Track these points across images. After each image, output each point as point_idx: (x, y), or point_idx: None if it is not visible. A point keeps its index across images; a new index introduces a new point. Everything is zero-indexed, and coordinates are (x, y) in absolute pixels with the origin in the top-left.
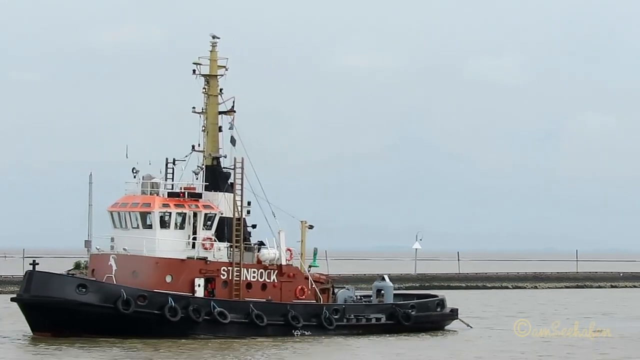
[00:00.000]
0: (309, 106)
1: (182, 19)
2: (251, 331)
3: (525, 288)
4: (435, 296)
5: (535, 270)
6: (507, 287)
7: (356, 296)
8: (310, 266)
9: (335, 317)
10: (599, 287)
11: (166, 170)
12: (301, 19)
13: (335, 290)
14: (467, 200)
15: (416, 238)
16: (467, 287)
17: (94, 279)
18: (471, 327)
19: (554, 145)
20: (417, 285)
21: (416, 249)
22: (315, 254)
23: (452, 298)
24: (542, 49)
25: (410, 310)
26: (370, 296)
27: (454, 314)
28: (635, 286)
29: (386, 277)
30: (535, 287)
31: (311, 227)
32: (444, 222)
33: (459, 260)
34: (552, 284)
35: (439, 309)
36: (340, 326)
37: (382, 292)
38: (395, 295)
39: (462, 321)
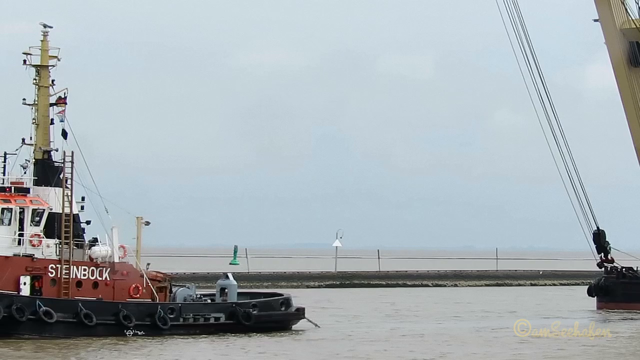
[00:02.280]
0: (215, 104)
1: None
2: (80, 331)
3: (445, 286)
4: (281, 295)
5: (455, 269)
6: (427, 285)
7: (197, 295)
8: (230, 263)
9: (171, 316)
10: (519, 285)
11: None
12: (213, 15)
13: (175, 288)
14: (386, 198)
15: (336, 236)
16: (387, 285)
17: None
18: (318, 327)
19: (471, 143)
20: (338, 283)
21: (336, 246)
22: (235, 252)
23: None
24: (454, 45)
25: (251, 310)
26: (212, 295)
27: (299, 313)
28: (554, 284)
29: (230, 275)
30: (456, 285)
31: (147, 223)
32: (364, 220)
33: (379, 258)
34: (473, 282)
35: (283, 309)
36: (176, 326)
37: (226, 290)
38: (242, 294)
39: (310, 320)
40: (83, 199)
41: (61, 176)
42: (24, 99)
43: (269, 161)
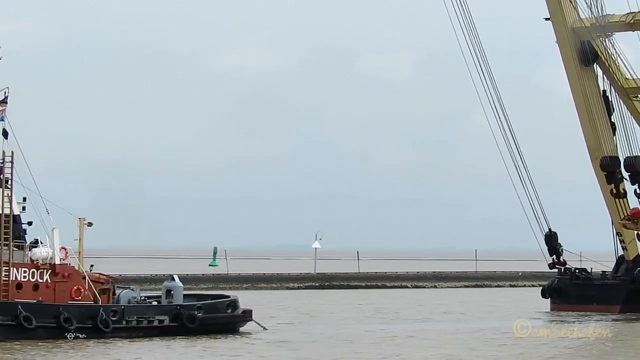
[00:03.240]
0: (196, 106)
1: None
2: (19, 334)
3: (425, 287)
4: (227, 297)
5: (435, 270)
6: (406, 287)
7: (141, 297)
8: (210, 265)
9: (114, 319)
10: (498, 286)
11: None
12: (190, 17)
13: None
14: (366, 199)
15: (316, 237)
16: (366, 287)
17: None
18: (265, 329)
19: (450, 143)
20: (317, 284)
21: (316, 248)
22: (215, 253)
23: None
24: (433, 46)
25: (196, 312)
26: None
27: (246, 315)
28: (534, 285)
29: (176, 277)
30: (435, 287)
31: (90, 224)
32: (344, 221)
33: (358, 259)
34: (452, 283)
35: (229, 310)
36: (119, 328)
37: (172, 292)
38: (189, 296)
39: (257, 323)
40: (24, 199)
41: (1, 176)
42: None
43: (249, 162)
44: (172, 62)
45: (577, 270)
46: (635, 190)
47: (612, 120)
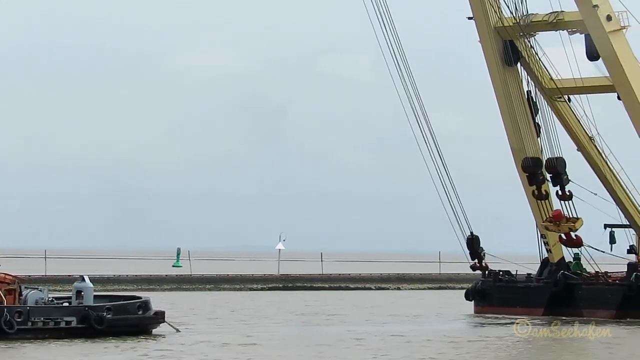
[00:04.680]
0: (155, 105)
1: None
2: None
3: (388, 289)
4: (139, 298)
5: (399, 271)
6: (370, 288)
7: (49, 298)
8: (173, 266)
9: (18, 320)
10: (462, 288)
11: None
12: (148, 15)
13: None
14: (330, 200)
15: (279, 238)
16: (330, 288)
17: None
18: (179, 331)
19: (414, 144)
20: (281, 285)
21: (279, 249)
22: (178, 254)
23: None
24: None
25: (104, 313)
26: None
27: (158, 317)
28: None
29: (86, 277)
30: (399, 288)
31: None
32: (308, 222)
33: (322, 260)
34: (415, 285)
35: (140, 312)
36: (24, 330)
37: (82, 293)
38: (100, 297)
39: (170, 325)
40: None
41: None
42: None
43: (211, 162)
44: (132, 61)
45: (501, 273)
46: (557, 192)
47: (537, 121)
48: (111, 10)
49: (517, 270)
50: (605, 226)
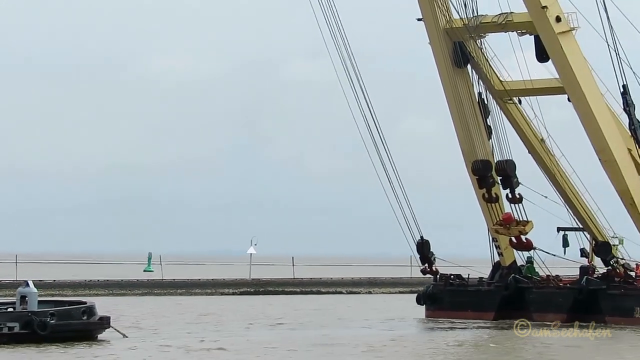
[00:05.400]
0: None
1: None
2: None
3: (359, 293)
4: (83, 303)
5: (370, 276)
6: (341, 292)
7: None
8: (144, 270)
9: None
10: None
11: None
12: (117, 20)
13: None
14: (301, 205)
15: (251, 243)
16: (301, 292)
17: None
18: (126, 337)
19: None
20: (252, 290)
21: (251, 253)
22: (149, 259)
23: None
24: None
25: (48, 319)
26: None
27: (104, 322)
28: None
29: (30, 282)
30: (370, 292)
31: None
32: (279, 227)
33: (293, 265)
34: (387, 289)
35: (85, 317)
36: None
37: (26, 298)
38: (45, 302)
39: (117, 330)
40: None
41: None
42: None
43: (181, 167)
44: (99, 67)
45: (452, 277)
46: (507, 194)
47: (488, 123)
48: (78, 15)
49: (469, 274)
50: (559, 229)
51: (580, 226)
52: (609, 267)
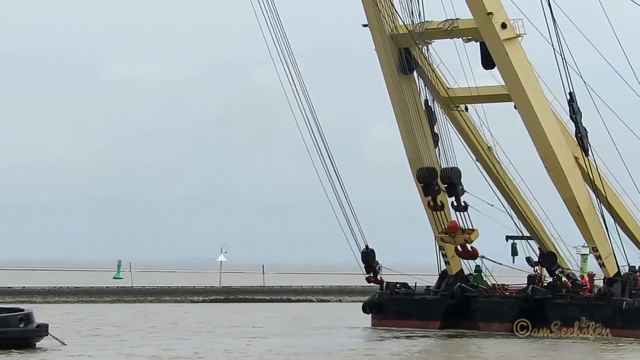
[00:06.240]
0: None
1: None
2: None
3: (330, 301)
4: (21, 310)
5: (340, 284)
6: (312, 300)
7: None
8: (114, 277)
9: None
10: None
11: None
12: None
13: None
14: (271, 212)
15: (221, 250)
16: (271, 300)
17: None
18: (65, 344)
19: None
20: (222, 297)
21: (221, 261)
22: (119, 266)
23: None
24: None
25: None
26: None
27: (42, 330)
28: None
29: None
30: (340, 300)
31: None
32: (250, 234)
33: (263, 273)
34: (357, 297)
35: (22, 325)
36: None
37: None
38: None
39: (55, 338)
40: None
41: None
42: None
43: (150, 173)
44: (69, 69)
45: (398, 285)
46: (452, 202)
47: (435, 131)
48: (48, 16)
49: (416, 283)
50: (507, 238)
51: (528, 235)
52: (554, 277)
